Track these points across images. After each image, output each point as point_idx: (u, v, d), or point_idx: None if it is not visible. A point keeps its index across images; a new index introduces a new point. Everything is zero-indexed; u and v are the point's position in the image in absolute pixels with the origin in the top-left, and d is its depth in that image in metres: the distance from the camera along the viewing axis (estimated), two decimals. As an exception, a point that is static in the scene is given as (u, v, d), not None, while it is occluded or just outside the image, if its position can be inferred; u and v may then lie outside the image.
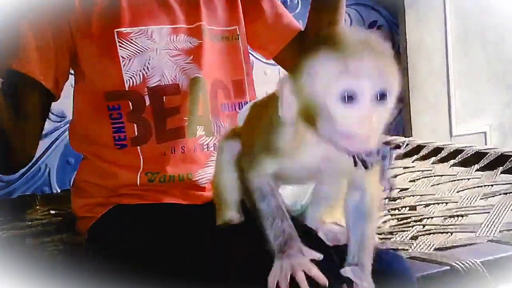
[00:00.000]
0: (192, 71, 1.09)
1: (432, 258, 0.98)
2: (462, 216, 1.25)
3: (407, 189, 1.50)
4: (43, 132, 1.76)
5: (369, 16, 2.27)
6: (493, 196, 1.36)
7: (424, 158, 1.79)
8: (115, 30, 1.04)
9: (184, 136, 1.07)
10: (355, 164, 0.68)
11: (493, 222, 1.17)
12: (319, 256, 0.73)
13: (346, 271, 0.74)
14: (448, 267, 0.95)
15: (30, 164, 1.76)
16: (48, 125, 1.79)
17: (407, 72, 2.27)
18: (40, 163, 1.80)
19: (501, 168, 1.55)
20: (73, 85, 1.13)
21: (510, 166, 1.55)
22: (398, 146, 1.88)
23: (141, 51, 1.05)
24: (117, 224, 1.02)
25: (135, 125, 1.05)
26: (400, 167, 1.73)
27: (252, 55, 1.90)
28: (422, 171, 1.66)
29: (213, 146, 1.09)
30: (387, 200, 1.45)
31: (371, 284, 0.74)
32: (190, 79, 1.08)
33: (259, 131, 0.77)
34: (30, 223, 1.44)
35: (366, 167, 0.68)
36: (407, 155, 1.83)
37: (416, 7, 2.25)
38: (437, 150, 1.79)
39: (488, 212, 1.23)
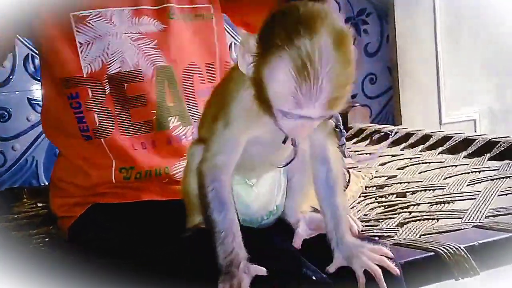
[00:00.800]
0: (157, 57, 1.04)
1: (417, 244, 0.98)
2: (448, 202, 1.25)
3: (395, 176, 1.50)
4: (30, 124, 1.78)
5: (358, 4, 2.26)
6: (480, 182, 1.36)
7: (412, 146, 1.79)
8: (71, 14, 0.98)
9: (153, 130, 1.02)
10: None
11: (479, 208, 1.17)
12: (264, 271, 0.72)
13: (332, 267, 0.75)
14: (433, 253, 0.95)
15: (17, 156, 1.77)
16: (34, 117, 1.78)
17: (396, 60, 2.26)
18: (27, 155, 1.79)
19: (488, 154, 1.56)
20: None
21: (497, 152, 1.55)
22: (386, 134, 1.88)
23: (99, 35, 1.00)
24: (95, 224, 0.99)
25: (95, 114, 1.01)
26: (389, 155, 1.73)
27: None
28: (410, 158, 1.66)
29: (191, 135, 1.05)
30: (374, 188, 1.45)
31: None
32: (155, 67, 1.03)
33: (219, 112, 0.75)
34: (16, 216, 1.43)
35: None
36: (396, 143, 1.83)
37: (405, -6, 2.25)
38: (425, 138, 1.79)
39: (475, 198, 1.23)
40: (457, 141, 1.70)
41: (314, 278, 0.73)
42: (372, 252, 0.76)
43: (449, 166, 1.53)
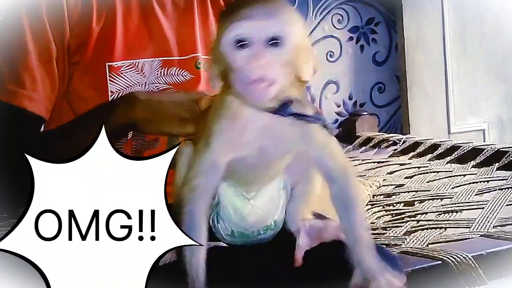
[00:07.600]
0: None
1: (424, 253, 0.98)
2: (456, 211, 1.25)
3: (403, 185, 1.50)
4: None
5: (367, 13, 2.27)
6: (488, 192, 1.36)
7: (421, 155, 1.79)
8: (106, 64, 1.00)
9: None
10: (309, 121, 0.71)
11: (487, 218, 1.17)
12: None
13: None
14: (440, 262, 0.95)
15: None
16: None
17: (404, 69, 2.26)
18: None
19: (497, 164, 1.55)
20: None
21: (506, 162, 1.55)
22: (394, 143, 1.87)
23: (129, 85, 1.01)
24: None
25: None
26: (397, 164, 1.73)
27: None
28: (418, 167, 1.66)
29: None
30: (382, 196, 1.45)
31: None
32: None
33: (201, 134, 0.76)
34: None
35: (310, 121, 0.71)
36: (404, 152, 1.83)
37: (413, 2, 2.25)
38: (434, 147, 1.79)
39: (483, 208, 1.23)
40: (465, 151, 1.69)
41: None
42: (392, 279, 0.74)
43: (457, 176, 1.53)
